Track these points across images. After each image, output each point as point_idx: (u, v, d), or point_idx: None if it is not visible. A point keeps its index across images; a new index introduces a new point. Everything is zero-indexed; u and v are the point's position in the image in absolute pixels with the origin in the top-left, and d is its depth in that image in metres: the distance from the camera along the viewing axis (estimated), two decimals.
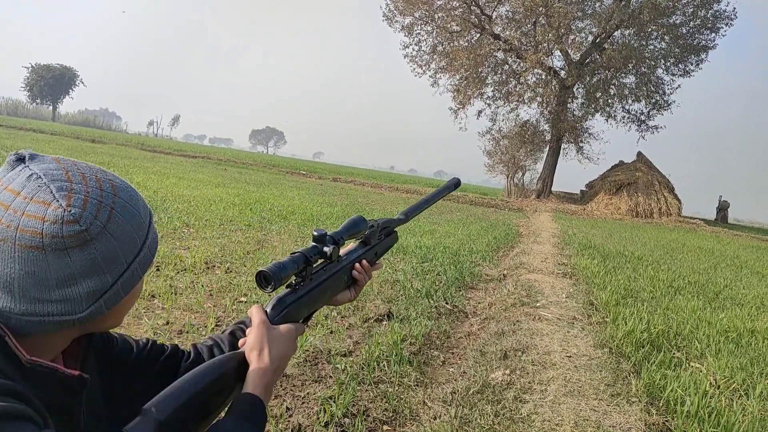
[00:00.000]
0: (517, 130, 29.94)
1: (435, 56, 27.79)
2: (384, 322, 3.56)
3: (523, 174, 31.72)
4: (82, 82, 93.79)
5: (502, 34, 25.22)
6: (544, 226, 12.75)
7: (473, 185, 63.68)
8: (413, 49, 27.78)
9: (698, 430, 1.87)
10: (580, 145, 27.94)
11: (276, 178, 18.57)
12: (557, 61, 27.62)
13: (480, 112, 28.95)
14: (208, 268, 4.28)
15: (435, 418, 1.99)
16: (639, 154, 25.96)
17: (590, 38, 25.48)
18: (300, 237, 6.25)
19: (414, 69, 27.88)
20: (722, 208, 31.52)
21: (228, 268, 4.31)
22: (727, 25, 24.62)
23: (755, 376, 2.92)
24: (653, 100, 27.20)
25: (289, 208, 8.80)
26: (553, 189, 29.22)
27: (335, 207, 10.25)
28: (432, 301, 4.13)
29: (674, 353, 3.13)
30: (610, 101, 27.26)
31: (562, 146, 28.87)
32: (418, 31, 27.34)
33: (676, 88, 26.39)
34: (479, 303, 4.45)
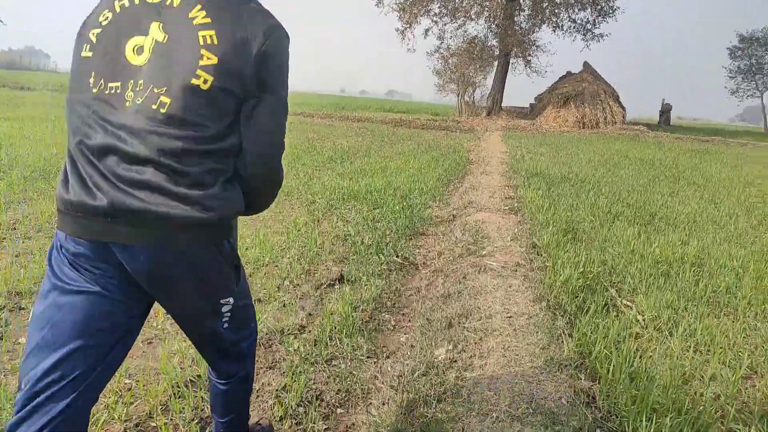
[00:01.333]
0: (465, 47, 29.48)
1: None
2: (336, 287, 3.65)
3: (474, 91, 31.58)
4: (1, 21, 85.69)
5: None
6: (494, 149, 12.91)
7: (426, 103, 63.00)
8: None
9: (622, 393, 2.05)
10: (528, 58, 27.86)
11: None
12: None
13: (427, 30, 28.24)
14: None
15: (383, 404, 2.11)
16: (585, 64, 26.10)
17: None
18: None
19: None
20: (665, 111, 32.47)
21: None
22: None
23: (680, 312, 3.18)
24: (599, 7, 27.05)
25: None
26: (503, 105, 29.31)
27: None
28: (382, 257, 4.23)
29: (609, 294, 3.35)
30: (556, 11, 26.96)
31: (511, 61, 28.69)
32: None
33: None
34: (429, 252, 4.59)
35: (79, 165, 1.15)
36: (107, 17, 1.21)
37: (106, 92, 1.16)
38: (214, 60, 1.15)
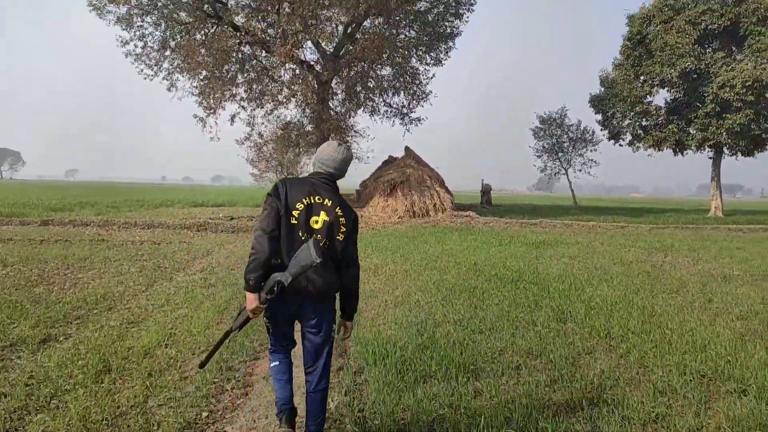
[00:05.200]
0: (280, 133, 26.80)
1: (167, 53, 22.94)
2: None
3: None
4: None
5: (243, 25, 21.53)
6: None
7: (251, 189, 59.15)
8: (136, 46, 22.52)
9: None
10: (348, 144, 25.94)
11: None
12: (311, 55, 25.10)
13: (233, 116, 24.97)
14: None
15: None
16: (406, 149, 24.91)
17: (341, 28, 23.37)
18: None
19: (142, 70, 22.64)
20: (485, 192, 32.83)
21: None
22: (468, 11, 24.71)
23: None
24: (411, 91, 26.44)
25: None
26: None
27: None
28: None
29: None
30: (370, 95, 25.72)
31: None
32: (139, 23, 22.12)
33: (431, 78, 25.96)
34: None
35: None
36: (303, 204, 2.84)
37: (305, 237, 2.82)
38: (345, 228, 2.91)
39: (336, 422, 3.40)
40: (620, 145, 30.95)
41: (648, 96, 28.63)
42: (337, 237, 2.87)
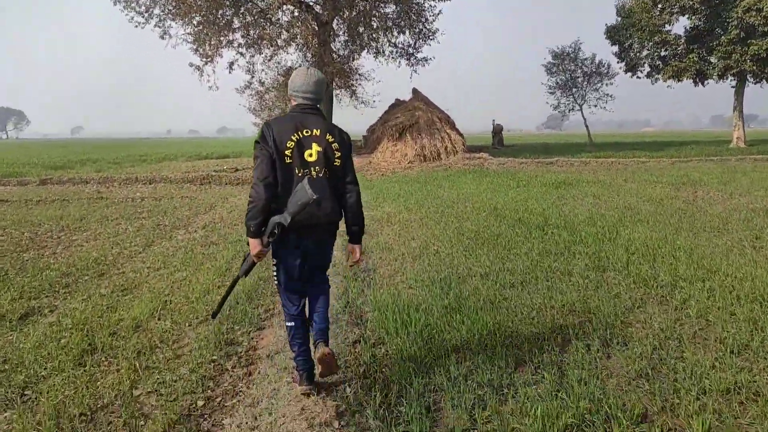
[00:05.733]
0: (281, 79, 25.66)
1: None
2: None
3: None
4: None
5: None
6: None
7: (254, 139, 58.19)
8: None
9: None
10: (353, 88, 24.88)
11: None
12: None
13: (232, 63, 23.84)
14: None
15: None
16: (414, 91, 23.78)
17: None
18: None
19: (132, 18, 21.42)
20: (497, 132, 31.72)
21: None
22: None
23: None
24: (417, 29, 24.98)
25: None
26: None
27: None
28: None
29: None
30: (374, 35, 24.34)
31: (334, 92, 25.53)
32: None
33: (438, 14, 24.43)
34: None
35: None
36: (293, 141, 2.81)
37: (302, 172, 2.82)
38: (339, 152, 2.92)
39: (355, 414, 2.81)
40: (638, 77, 29.46)
41: (667, 24, 26.95)
42: (335, 163, 2.91)
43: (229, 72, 23.74)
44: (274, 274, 3.01)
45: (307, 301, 3.13)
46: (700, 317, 4.07)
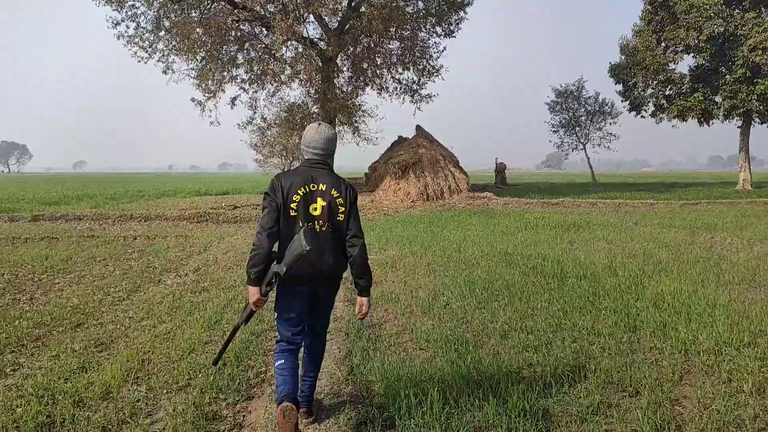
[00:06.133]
0: (284, 115, 25.51)
1: (162, 34, 21.63)
2: None
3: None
4: None
5: (241, 0, 20.15)
6: None
7: (256, 176, 57.91)
8: (128, 27, 21.24)
9: None
10: (356, 125, 24.68)
11: None
12: (314, 31, 23.70)
13: (234, 99, 23.72)
14: None
15: None
16: (418, 128, 23.56)
17: (345, 1, 21.89)
18: None
19: (135, 53, 21.38)
20: (500, 171, 31.45)
21: None
22: None
23: None
24: (421, 66, 24.93)
25: None
26: None
27: None
28: None
29: None
30: (378, 72, 24.28)
31: (337, 128, 25.30)
32: (130, 2, 20.80)
33: (442, 51, 24.44)
34: None
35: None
36: (299, 195, 2.92)
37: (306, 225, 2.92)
38: (344, 207, 3.00)
39: None
40: (642, 116, 29.37)
41: (671, 63, 26.98)
42: (338, 218, 3.00)
43: (231, 107, 23.62)
44: (275, 321, 3.12)
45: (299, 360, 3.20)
46: (759, 394, 3.51)
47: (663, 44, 26.96)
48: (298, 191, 2.91)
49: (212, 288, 6.93)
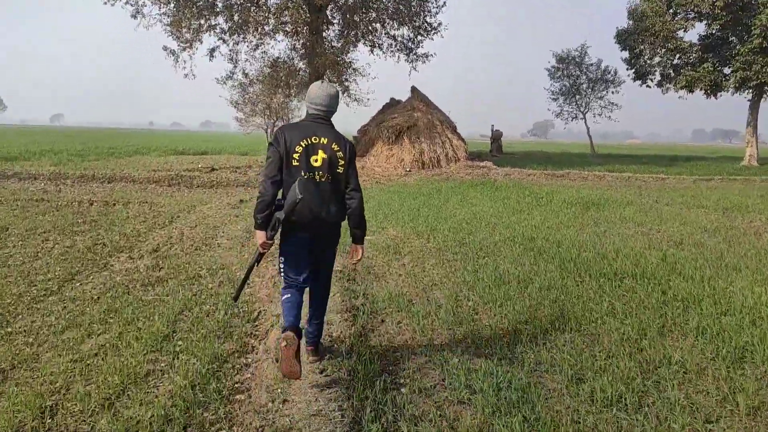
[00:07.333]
0: (267, 71, 23.49)
1: None
2: None
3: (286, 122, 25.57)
4: None
5: None
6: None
7: (238, 136, 55.47)
8: None
9: None
10: (345, 84, 22.81)
11: None
12: None
13: (213, 50, 21.62)
14: None
15: None
16: (413, 89, 21.78)
17: None
18: None
19: None
20: (496, 138, 29.97)
21: None
22: None
23: None
24: (416, 24, 22.95)
25: None
26: None
27: None
28: None
29: None
30: (371, 26, 22.30)
31: None
32: None
33: (442, 6, 22.46)
34: None
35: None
36: (301, 147, 3.06)
37: (308, 177, 3.06)
38: (343, 160, 3.13)
39: None
40: (647, 86, 27.86)
41: (682, 31, 25.39)
42: (338, 170, 3.15)
43: (210, 60, 21.54)
44: (281, 269, 3.27)
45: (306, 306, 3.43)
46: None
47: (674, 9, 25.28)
48: (301, 143, 3.09)
49: (170, 278, 5.43)
